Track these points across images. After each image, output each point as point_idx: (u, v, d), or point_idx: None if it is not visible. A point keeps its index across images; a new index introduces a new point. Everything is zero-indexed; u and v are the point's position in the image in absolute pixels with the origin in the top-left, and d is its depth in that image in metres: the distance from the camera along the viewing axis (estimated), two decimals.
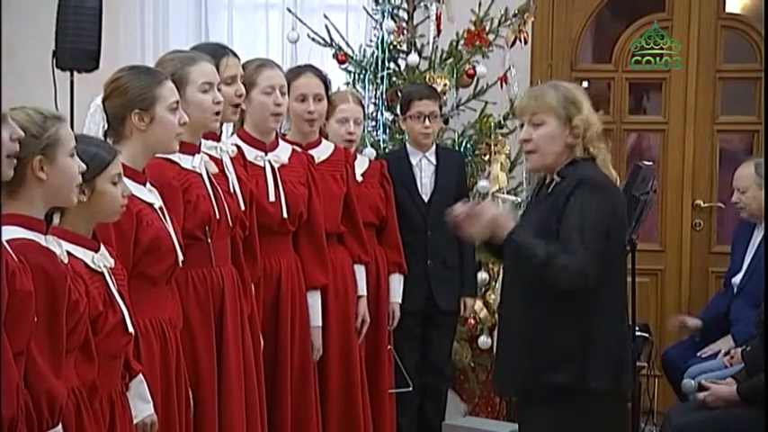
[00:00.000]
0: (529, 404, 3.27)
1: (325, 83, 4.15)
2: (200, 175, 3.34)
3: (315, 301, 3.96)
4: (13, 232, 2.37)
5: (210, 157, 3.44)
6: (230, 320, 3.36)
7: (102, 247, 2.75)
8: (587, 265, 3.02)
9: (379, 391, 4.33)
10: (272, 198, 3.78)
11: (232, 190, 3.47)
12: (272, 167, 3.84)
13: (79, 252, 2.65)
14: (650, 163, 4.46)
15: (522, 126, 3.26)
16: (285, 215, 3.80)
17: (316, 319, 3.96)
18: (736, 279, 4.89)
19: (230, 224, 3.39)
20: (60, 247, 2.51)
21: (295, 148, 3.99)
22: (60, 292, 2.39)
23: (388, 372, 4.40)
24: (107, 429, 2.69)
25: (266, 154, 3.85)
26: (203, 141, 3.43)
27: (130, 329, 2.73)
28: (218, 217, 3.32)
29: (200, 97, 3.27)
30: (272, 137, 3.91)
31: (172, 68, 3.22)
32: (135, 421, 2.83)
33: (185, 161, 3.30)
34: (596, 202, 3.08)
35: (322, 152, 4.13)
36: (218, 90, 3.34)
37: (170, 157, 3.23)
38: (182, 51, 3.46)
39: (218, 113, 3.34)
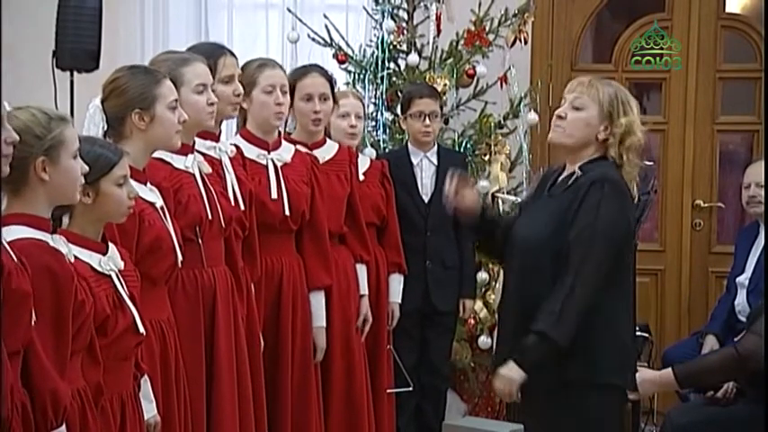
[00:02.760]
0: (532, 396, 3.24)
1: (331, 82, 4.15)
2: (193, 175, 3.33)
3: (318, 301, 3.95)
4: (19, 232, 2.38)
5: (209, 157, 3.45)
6: (222, 321, 3.35)
7: (113, 248, 2.76)
8: (582, 291, 3.04)
9: (379, 391, 4.33)
10: (274, 196, 3.78)
11: (231, 190, 3.47)
12: (275, 165, 3.84)
13: (85, 255, 2.65)
14: (651, 163, 4.45)
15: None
16: (287, 213, 3.80)
17: (319, 319, 3.96)
18: (742, 279, 4.87)
19: (223, 225, 3.39)
20: (67, 247, 2.52)
21: (298, 148, 4.00)
22: (67, 292, 2.39)
23: (387, 372, 4.40)
24: (118, 430, 2.70)
25: (269, 153, 3.85)
26: (202, 142, 3.44)
27: (141, 330, 2.74)
28: (209, 218, 3.32)
29: (194, 98, 3.27)
30: (275, 136, 3.91)
31: (166, 69, 3.22)
32: None
33: (178, 161, 3.30)
34: (611, 201, 3.08)
35: (327, 152, 4.14)
36: (213, 91, 3.34)
37: (162, 156, 3.23)
38: (175, 52, 3.46)
39: (212, 113, 3.35)
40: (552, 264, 3.11)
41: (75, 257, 2.58)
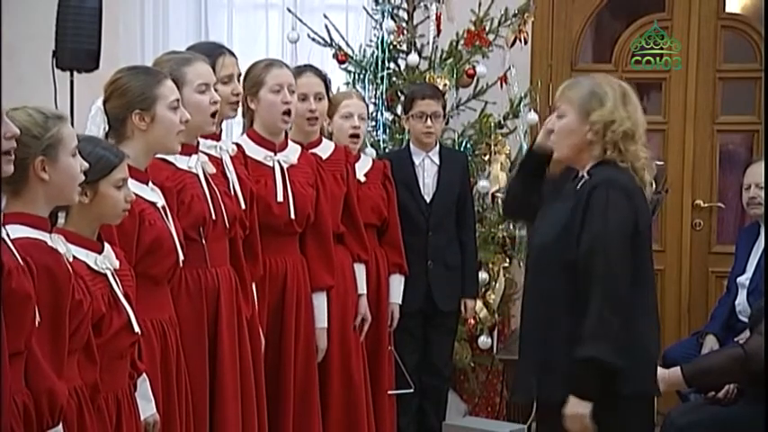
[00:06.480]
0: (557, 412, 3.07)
1: (326, 82, 4.16)
2: (197, 175, 3.33)
3: (321, 302, 3.96)
4: (19, 231, 2.38)
5: (211, 156, 3.45)
6: (226, 321, 3.36)
7: (108, 248, 2.76)
8: (615, 299, 2.92)
9: (380, 392, 4.33)
10: (280, 198, 3.78)
11: (232, 190, 3.47)
12: (282, 168, 3.84)
13: (81, 254, 2.65)
14: (662, 162, 4.44)
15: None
16: (293, 216, 3.80)
17: (321, 320, 3.96)
18: (742, 279, 4.87)
19: (227, 225, 3.39)
20: (65, 247, 2.52)
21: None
22: (65, 291, 2.39)
23: (388, 372, 4.39)
24: (113, 429, 2.70)
25: (275, 154, 3.85)
26: (203, 141, 3.44)
27: (136, 330, 2.74)
28: (213, 218, 3.32)
29: (197, 98, 3.27)
30: (282, 137, 3.91)
31: (168, 69, 3.22)
32: None
33: (181, 162, 3.30)
34: (616, 203, 2.97)
35: (322, 151, 4.14)
36: (215, 90, 3.34)
37: (166, 157, 3.23)
38: (178, 52, 3.47)
39: (214, 114, 3.34)
40: (564, 272, 3.00)
41: (73, 256, 2.58)
